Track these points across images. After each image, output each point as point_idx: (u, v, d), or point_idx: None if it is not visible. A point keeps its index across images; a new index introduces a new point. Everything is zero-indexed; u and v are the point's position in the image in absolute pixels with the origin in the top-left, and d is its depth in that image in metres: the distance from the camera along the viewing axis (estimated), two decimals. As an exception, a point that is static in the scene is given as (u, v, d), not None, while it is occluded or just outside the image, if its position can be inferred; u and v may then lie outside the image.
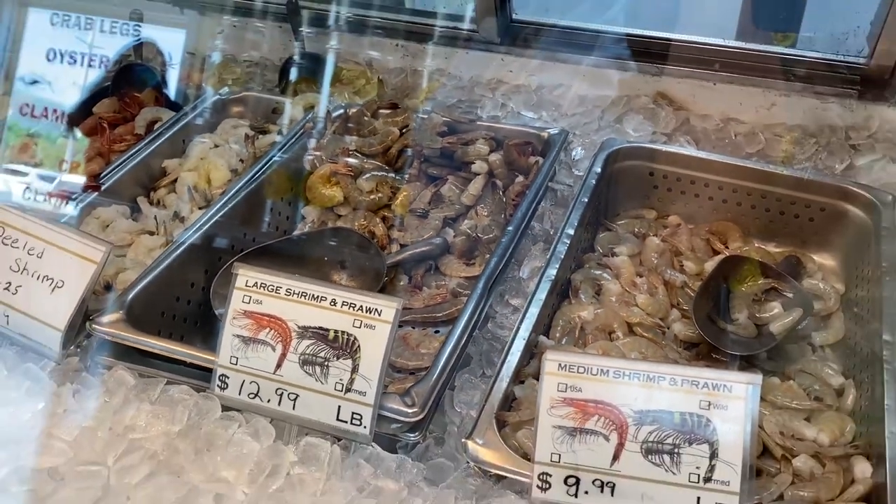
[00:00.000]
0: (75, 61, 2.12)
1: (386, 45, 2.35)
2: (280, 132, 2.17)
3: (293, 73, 2.34)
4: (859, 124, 1.98)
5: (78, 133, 2.12)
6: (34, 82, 2.12)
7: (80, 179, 1.97)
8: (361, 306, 1.35)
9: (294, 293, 1.38)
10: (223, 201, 1.86)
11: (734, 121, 2.07)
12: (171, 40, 2.29)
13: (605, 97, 2.15)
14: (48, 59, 2.11)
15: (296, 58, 2.36)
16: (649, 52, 2.13)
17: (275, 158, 2.00)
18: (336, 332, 1.34)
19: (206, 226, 1.79)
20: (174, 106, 2.27)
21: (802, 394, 1.52)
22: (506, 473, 1.27)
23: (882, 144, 1.93)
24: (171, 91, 2.31)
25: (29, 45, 2.13)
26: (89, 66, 2.12)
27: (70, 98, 2.13)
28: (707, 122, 2.07)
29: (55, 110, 2.11)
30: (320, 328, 1.35)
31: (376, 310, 1.34)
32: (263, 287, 1.40)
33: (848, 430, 1.44)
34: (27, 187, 1.96)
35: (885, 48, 1.90)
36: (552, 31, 2.21)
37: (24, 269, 1.55)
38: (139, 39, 2.20)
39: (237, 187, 1.90)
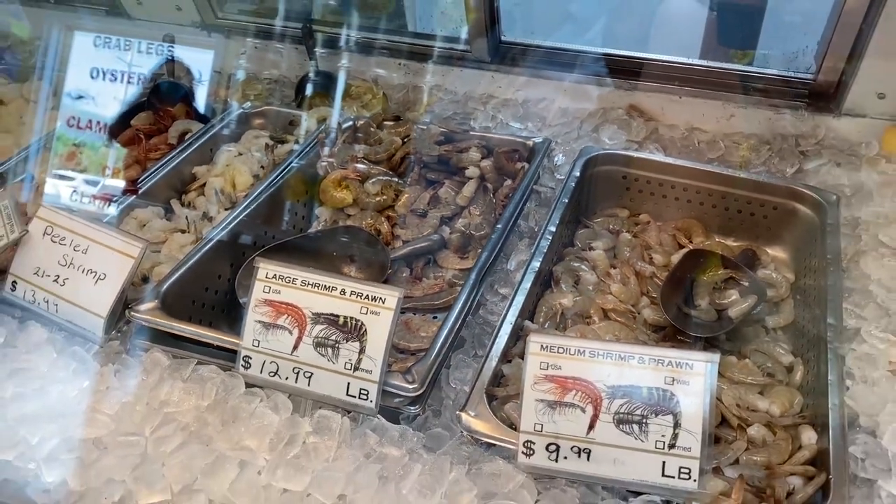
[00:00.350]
0: (116, 79, 2.13)
1: (390, 63, 2.35)
2: (296, 142, 2.17)
3: (308, 89, 2.33)
4: (808, 133, 1.98)
5: (118, 143, 2.12)
6: (80, 97, 2.12)
7: (119, 184, 1.97)
8: (367, 295, 1.35)
9: (308, 284, 1.39)
10: (246, 203, 1.87)
11: (698, 130, 2.07)
12: (199, 60, 2.29)
13: (583, 110, 2.15)
14: (92, 77, 2.12)
15: (310, 75, 2.35)
16: (623, 70, 2.13)
17: (292, 165, 2.01)
18: (345, 318, 1.35)
19: (232, 224, 1.80)
20: (203, 119, 2.27)
21: (756, 370, 1.53)
22: (495, 441, 1.29)
23: (828, 150, 1.93)
24: (200, 105, 2.31)
25: (75, 64, 2.13)
26: (128, 83, 2.13)
27: (111, 111, 2.14)
28: (674, 131, 2.07)
29: (98, 122, 2.12)
30: (332, 314, 1.36)
31: (380, 298, 1.35)
32: (281, 279, 1.40)
33: (796, 402, 1.46)
34: (74, 191, 1.97)
35: (831, 65, 1.90)
36: (537, 51, 2.21)
37: (71, 263, 1.56)
38: (171, 59, 2.20)
39: (259, 190, 1.91)
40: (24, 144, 2.14)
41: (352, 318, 1.35)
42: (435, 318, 1.72)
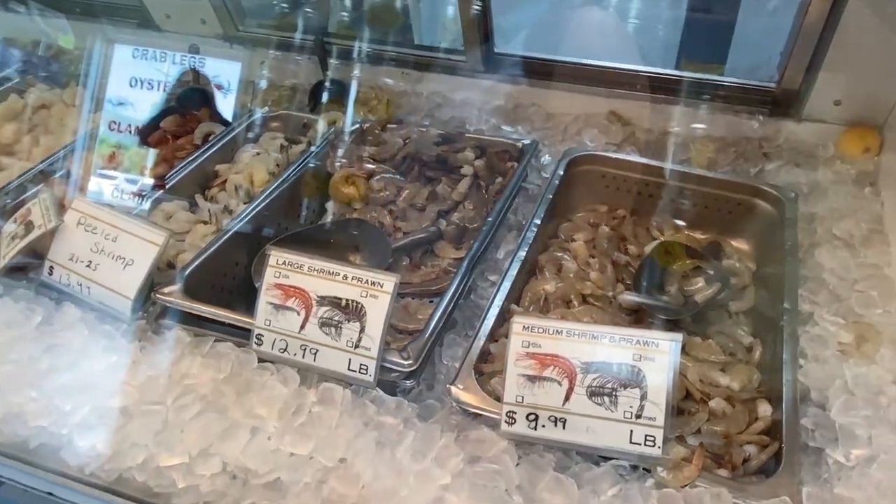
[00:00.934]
0: (152, 87, 2.13)
1: (395, 72, 2.34)
2: (309, 143, 2.16)
3: (320, 96, 2.33)
4: (769, 136, 1.96)
5: (148, 143, 2.12)
6: (120, 104, 2.12)
7: (149, 181, 1.98)
8: (367, 280, 1.35)
9: (314, 269, 1.39)
10: (263, 197, 1.87)
11: (670, 133, 2.05)
12: (222, 69, 2.28)
13: (567, 115, 2.14)
14: (130, 86, 2.12)
15: (323, 83, 2.34)
16: (603, 79, 2.11)
17: (305, 163, 2.00)
18: (347, 300, 1.35)
19: (249, 216, 1.80)
20: (225, 122, 2.27)
21: (719, 350, 1.53)
22: (481, 412, 1.29)
23: (787, 152, 1.92)
24: (223, 110, 2.30)
25: (115, 73, 2.13)
26: (163, 90, 2.13)
27: (146, 116, 2.14)
28: (648, 134, 2.06)
29: (134, 126, 2.12)
30: (335, 297, 1.36)
31: (379, 283, 1.35)
32: (290, 265, 1.41)
33: (754, 378, 1.45)
34: (109, 186, 1.97)
35: (790, 75, 1.89)
36: (526, 62, 2.19)
37: (102, 250, 1.56)
38: (195, 67, 2.19)
39: (274, 186, 1.91)
40: (64, 144, 2.14)
41: (353, 300, 1.35)
42: (431, 302, 1.71)
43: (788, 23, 1.86)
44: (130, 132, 2.12)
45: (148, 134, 2.16)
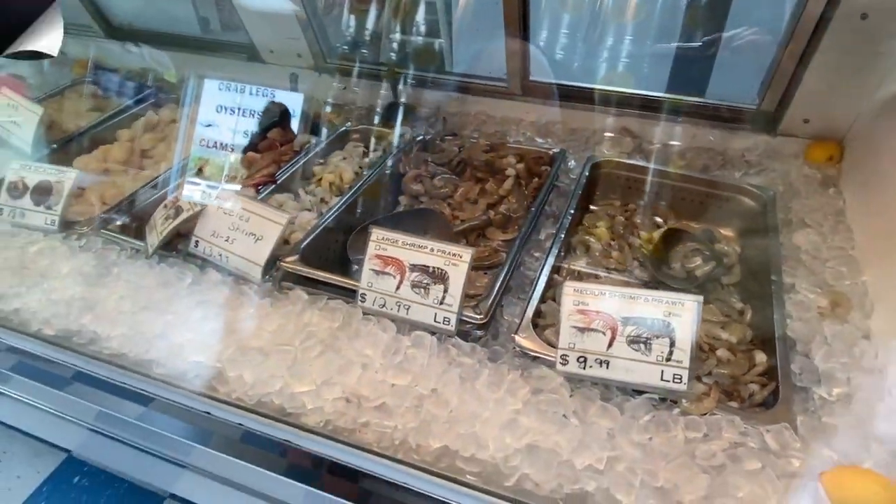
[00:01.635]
0: (233, 112, 2.13)
1: (451, 96, 2.33)
2: (384, 150, 2.16)
3: (391, 114, 2.31)
4: (750, 147, 1.94)
5: (260, 149, 2.12)
6: (209, 125, 2.13)
7: (264, 181, 1.98)
8: (449, 252, 1.36)
9: (406, 244, 1.40)
10: (351, 192, 1.87)
11: (670, 145, 2.04)
12: (291, 99, 2.25)
13: (589, 129, 2.13)
14: (217, 112, 2.13)
15: (393, 104, 2.32)
16: (617, 101, 2.09)
17: (381, 166, 2.01)
18: (434, 268, 1.36)
19: (343, 206, 1.81)
20: (318, 133, 2.26)
21: (718, 312, 1.52)
22: (539, 355, 1.30)
23: (765, 160, 1.90)
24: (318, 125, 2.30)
25: (205, 102, 2.14)
26: (241, 115, 2.13)
27: (230, 136, 2.13)
28: (652, 145, 2.04)
29: (222, 143, 2.12)
30: (424, 265, 1.37)
31: (458, 254, 1.36)
32: (387, 240, 1.42)
33: (747, 334, 1.45)
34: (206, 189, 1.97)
35: (769, 98, 1.87)
36: (555, 88, 2.18)
37: (238, 228, 1.57)
38: (268, 97, 2.19)
39: (359, 184, 1.91)
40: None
41: (438, 268, 1.36)
42: (485, 273, 1.70)
43: (764, 58, 1.84)
44: (217, 147, 2.11)
45: (259, 142, 2.16)
